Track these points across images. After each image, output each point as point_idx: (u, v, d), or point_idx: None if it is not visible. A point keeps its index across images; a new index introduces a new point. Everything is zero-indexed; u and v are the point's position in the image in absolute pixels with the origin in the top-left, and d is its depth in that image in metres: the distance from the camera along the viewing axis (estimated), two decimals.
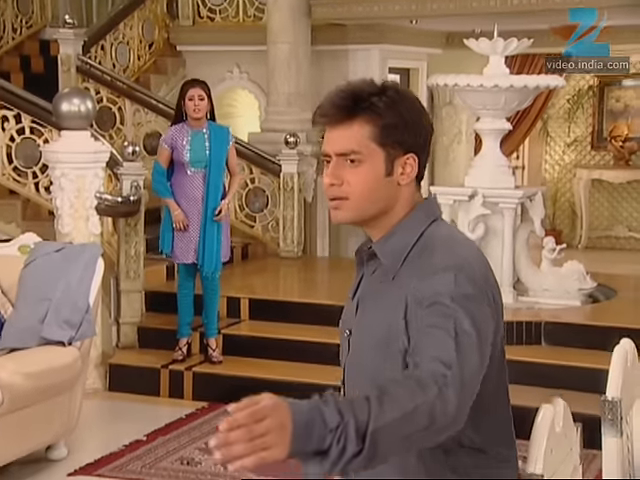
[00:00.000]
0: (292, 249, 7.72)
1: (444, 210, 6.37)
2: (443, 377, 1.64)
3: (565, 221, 11.95)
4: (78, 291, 4.63)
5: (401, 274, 1.86)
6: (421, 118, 1.89)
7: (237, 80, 9.07)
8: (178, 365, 5.75)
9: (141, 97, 7.93)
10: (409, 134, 1.86)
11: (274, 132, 8.10)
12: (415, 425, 1.60)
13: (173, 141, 5.64)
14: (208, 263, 5.64)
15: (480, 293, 1.81)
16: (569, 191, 11.89)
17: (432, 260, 1.82)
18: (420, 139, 1.88)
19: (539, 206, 6.57)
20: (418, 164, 1.88)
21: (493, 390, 1.87)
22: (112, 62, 8.60)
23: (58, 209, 5.71)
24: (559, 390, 5.22)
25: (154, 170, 5.73)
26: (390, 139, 1.84)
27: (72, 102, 5.65)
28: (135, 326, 6.16)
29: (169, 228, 5.66)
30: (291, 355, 5.79)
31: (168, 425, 5.18)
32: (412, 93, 1.94)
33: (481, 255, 1.93)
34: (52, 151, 5.70)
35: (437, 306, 1.75)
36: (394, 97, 1.85)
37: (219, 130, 5.78)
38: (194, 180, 5.65)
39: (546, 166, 12.06)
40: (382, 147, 1.84)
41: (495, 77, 6.32)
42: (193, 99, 5.60)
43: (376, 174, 1.85)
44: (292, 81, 8.23)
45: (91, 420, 5.20)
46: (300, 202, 7.74)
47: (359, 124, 1.83)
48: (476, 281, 1.81)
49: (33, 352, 4.41)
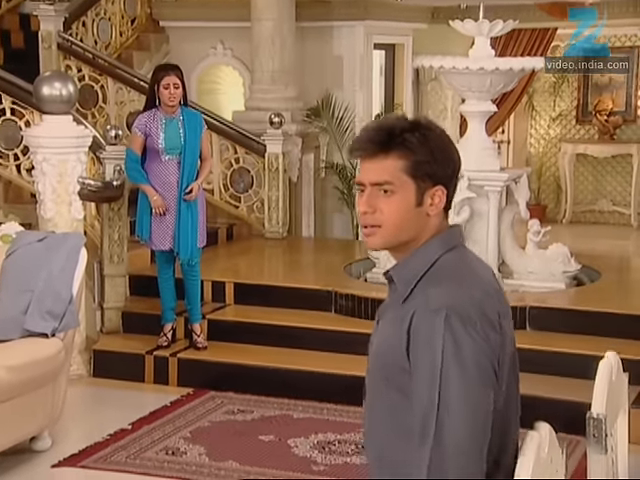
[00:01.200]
0: (277, 230, 7.67)
1: None
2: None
3: (550, 196, 11.95)
4: (61, 281, 4.58)
5: (410, 300, 1.95)
6: (449, 152, 2.01)
7: (221, 57, 8.96)
8: (163, 351, 5.73)
9: (123, 75, 7.82)
10: (438, 167, 1.98)
11: (259, 111, 8.03)
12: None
13: (147, 128, 5.57)
14: (184, 250, 5.60)
15: (473, 330, 1.87)
16: (554, 165, 11.88)
17: (432, 294, 1.92)
18: (449, 171, 2.00)
19: (524, 188, 6.56)
20: (446, 195, 2.00)
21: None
22: (94, 39, 8.47)
23: (40, 194, 5.64)
24: (544, 376, 5.27)
25: (127, 158, 5.67)
26: (421, 172, 1.97)
27: (53, 86, 5.56)
28: (119, 311, 6.12)
29: (147, 214, 5.61)
30: (277, 340, 5.78)
31: (153, 413, 5.17)
32: (440, 128, 2.04)
33: (488, 284, 2.01)
34: (34, 136, 5.62)
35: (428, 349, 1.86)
36: (425, 134, 1.98)
37: (192, 116, 5.71)
38: (169, 167, 5.60)
39: (531, 140, 12.04)
40: (413, 179, 1.97)
41: (481, 59, 6.26)
42: (169, 88, 5.53)
43: (407, 204, 1.98)
44: (276, 58, 8.13)
45: (75, 408, 5.18)
46: (285, 183, 7.69)
47: (393, 158, 1.97)
48: (470, 319, 1.87)
49: (15, 344, 4.38)
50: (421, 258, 1.98)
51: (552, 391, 5.08)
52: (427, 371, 1.86)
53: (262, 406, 5.30)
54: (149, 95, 5.72)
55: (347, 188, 8.29)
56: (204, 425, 5.01)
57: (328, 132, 8.30)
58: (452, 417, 1.84)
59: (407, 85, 9.76)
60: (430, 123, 2.02)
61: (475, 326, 1.87)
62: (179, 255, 5.64)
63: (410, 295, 1.95)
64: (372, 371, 2.02)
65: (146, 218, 5.62)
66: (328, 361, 5.54)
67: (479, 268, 2.03)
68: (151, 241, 5.66)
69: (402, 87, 9.74)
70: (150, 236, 5.63)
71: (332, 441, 4.81)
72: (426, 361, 1.86)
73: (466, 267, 2.00)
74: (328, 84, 8.47)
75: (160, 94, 5.56)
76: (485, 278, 2.02)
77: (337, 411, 5.23)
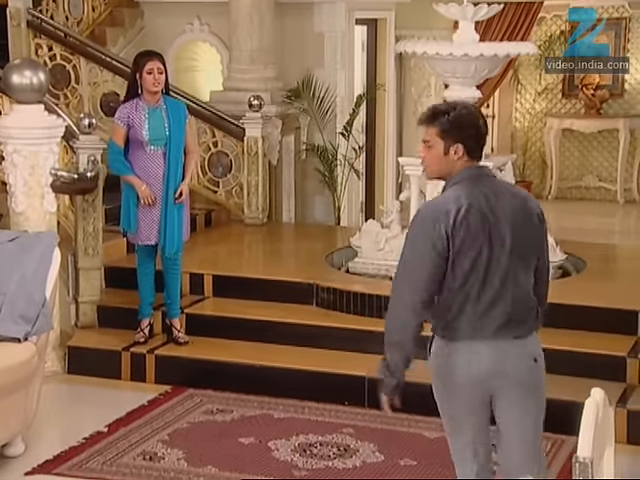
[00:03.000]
0: (257, 215, 7.63)
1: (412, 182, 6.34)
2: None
3: (535, 171, 11.95)
4: (34, 283, 4.54)
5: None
6: (468, 124, 3.23)
7: (197, 33, 8.85)
8: (140, 347, 5.71)
9: (96, 55, 7.72)
10: (457, 133, 3.21)
11: (237, 91, 7.95)
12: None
13: (129, 119, 5.49)
14: (170, 244, 5.56)
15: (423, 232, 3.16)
16: (539, 141, 11.88)
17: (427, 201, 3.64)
18: (466, 135, 3.22)
19: (509, 176, 6.54)
20: (464, 147, 3.21)
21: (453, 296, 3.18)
22: (65, 14, 8.33)
23: (11, 187, 5.57)
24: None
25: (110, 150, 5.59)
26: (446, 136, 3.22)
27: (23, 74, 5.46)
28: (95, 305, 6.08)
29: (135, 205, 5.54)
30: (257, 335, 5.76)
31: (130, 414, 5.15)
32: (468, 109, 3.28)
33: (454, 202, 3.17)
34: (3, 126, 5.53)
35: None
36: (452, 113, 3.22)
37: (176, 105, 5.64)
38: (154, 158, 5.53)
39: (516, 115, 12.01)
40: (442, 139, 3.22)
41: (465, 45, 6.20)
42: (152, 72, 5.45)
43: (438, 154, 3.24)
44: (255, 37, 8.04)
45: (50, 407, 5.15)
46: (265, 167, 7.63)
47: (432, 127, 3.24)
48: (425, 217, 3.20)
49: None
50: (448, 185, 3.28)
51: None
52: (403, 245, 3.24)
53: (242, 405, 5.30)
54: (130, 84, 5.63)
55: (328, 170, 8.24)
56: (182, 426, 5.00)
57: (309, 113, 8.23)
58: (402, 265, 3.22)
59: (390, 61, 9.67)
60: (460, 106, 3.27)
61: (426, 227, 3.14)
62: (165, 249, 5.59)
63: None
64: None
65: (133, 210, 5.54)
66: (310, 357, 5.54)
67: (479, 191, 3.20)
68: (137, 235, 5.60)
69: (384, 63, 9.66)
70: (136, 230, 5.56)
71: (314, 443, 4.81)
72: (405, 240, 3.25)
73: (466, 187, 3.21)
74: (309, 63, 8.38)
75: (143, 80, 5.47)
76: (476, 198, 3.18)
77: (319, 410, 5.24)
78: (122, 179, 5.67)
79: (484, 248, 3.12)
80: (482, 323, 3.14)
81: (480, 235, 3.12)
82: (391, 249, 6.63)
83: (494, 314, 3.15)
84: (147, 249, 5.67)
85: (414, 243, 3.14)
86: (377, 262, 6.61)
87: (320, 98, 8.26)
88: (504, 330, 3.16)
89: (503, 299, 3.15)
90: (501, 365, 3.16)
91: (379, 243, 6.65)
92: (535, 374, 3.27)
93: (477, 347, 3.15)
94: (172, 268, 5.70)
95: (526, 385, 3.22)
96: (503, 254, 3.14)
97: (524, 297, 3.22)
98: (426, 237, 3.10)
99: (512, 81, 11.55)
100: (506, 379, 3.18)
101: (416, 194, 6.49)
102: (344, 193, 8.37)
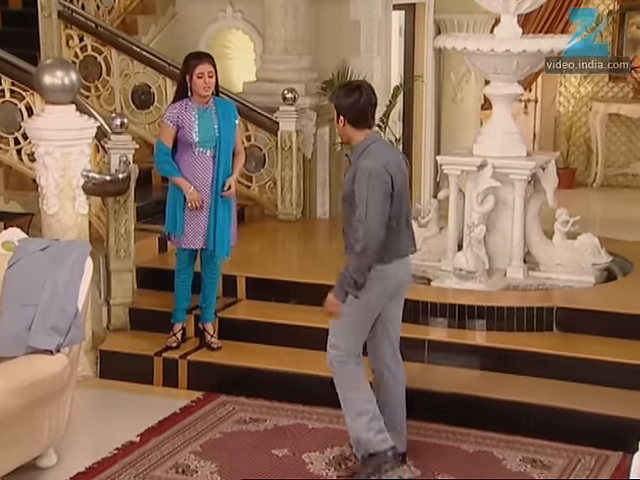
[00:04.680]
0: (291, 211, 7.68)
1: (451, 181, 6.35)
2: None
3: (579, 158, 11.86)
4: (66, 295, 4.62)
5: (355, 163, 4.43)
6: (344, 101, 4.44)
7: (230, 20, 8.86)
8: (172, 353, 5.79)
9: (127, 46, 7.76)
10: (339, 108, 4.45)
11: (270, 82, 7.98)
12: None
13: (179, 120, 5.53)
14: (220, 247, 5.61)
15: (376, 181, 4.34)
16: (584, 126, 11.77)
17: (364, 161, 4.38)
18: (343, 109, 4.44)
19: (552, 176, 6.52)
20: (347, 118, 4.44)
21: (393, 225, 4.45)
22: (96, 3, 8.39)
23: (43, 188, 5.66)
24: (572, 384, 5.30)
25: (158, 150, 5.63)
26: (336, 109, 4.48)
27: (55, 74, 5.53)
28: (126, 307, 6.17)
29: (181, 208, 5.57)
30: (292, 341, 5.81)
31: (161, 422, 5.25)
32: (357, 88, 4.47)
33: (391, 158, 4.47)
34: (35, 128, 5.61)
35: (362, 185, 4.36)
36: (338, 92, 4.54)
37: (226, 106, 5.69)
38: (202, 161, 5.57)
39: (560, 99, 11.91)
40: (336, 113, 4.48)
41: (507, 41, 6.19)
42: (203, 77, 5.49)
43: (338, 124, 4.51)
44: (289, 27, 8.05)
45: (82, 413, 5.24)
46: (299, 161, 7.67)
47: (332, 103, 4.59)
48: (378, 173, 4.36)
49: (19, 363, 4.43)
50: (359, 146, 4.45)
51: (580, 401, 5.10)
52: (359, 196, 4.33)
53: (275, 414, 5.37)
54: (180, 84, 5.67)
55: None
56: (215, 437, 5.09)
57: None
58: (368, 211, 4.31)
59: (428, 46, 9.65)
60: (346, 86, 4.60)
61: (379, 176, 4.32)
62: (214, 253, 5.64)
63: (356, 162, 4.41)
64: (343, 192, 4.53)
65: (180, 212, 5.58)
66: None
67: (388, 151, 4.55)
68: (182, 238, 5.66)
69: (423, 49, 9.64)
70: (182, 233, 5.60)
71: (348, 456, 4.87)
72: (359, 191, 4.33)
73: (380, 150, 4.44)
74: (344, 52, 8.37)
75: (194, 84, 5.51)
76: (391, 156, 4.49)
77: None
78: (169, 180, 5.72)
79: (403, 190, 4.47)
80: (400, 245, 4.50)
81: (399, 180, 4.42)
82: (429, 249, 6.67)
83: (404, 238, 4.53)
84: (189, 253, 5.73)
85: (374, 189, 4.30)
86: (414, 262, 6.61)
87: None
88: (410, 249, 4.62)
89: (408, 226, 4.58)
90: (408, 274, 4.65)
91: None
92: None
93: (400, 262, 4.53)
94: (212, 273, 5.77)
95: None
96: (405, 190, 4.51)
97: (411, 225, 4.64)
98: (382, 183, 4.33)
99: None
100: (405, 283, 4.66)
101: (455, 193, 6.51)
102: None
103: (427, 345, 5.63)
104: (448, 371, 5.53)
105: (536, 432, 5.06)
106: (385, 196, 4.33)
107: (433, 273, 6.50)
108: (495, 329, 5.73)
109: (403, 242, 4.51)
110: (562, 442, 4.99)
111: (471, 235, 6.27)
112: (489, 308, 5.77)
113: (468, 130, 9.59)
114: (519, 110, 11.33)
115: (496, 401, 5.19)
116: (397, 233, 4.46)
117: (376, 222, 4.30)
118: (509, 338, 5.63)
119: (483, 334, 5.73)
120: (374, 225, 4.30)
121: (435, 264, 6.57)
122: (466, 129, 9.59)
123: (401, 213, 4.47)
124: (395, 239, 4.44)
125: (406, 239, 4.55)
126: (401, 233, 4.49)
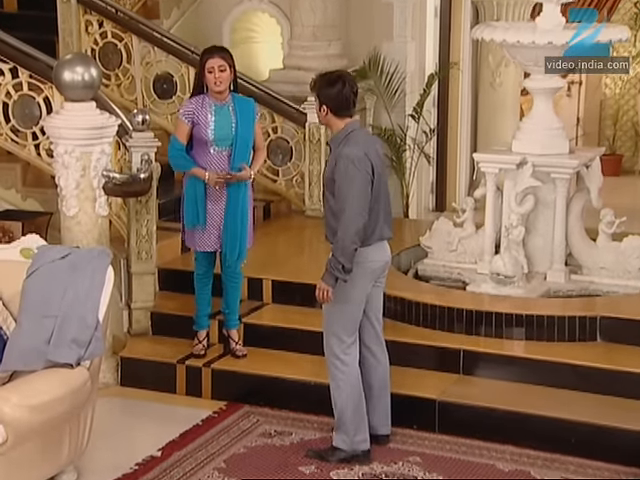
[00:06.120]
0: (319, 207, 7.67)
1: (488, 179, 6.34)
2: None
3: (627, 144, 11.79)
4: (86, 306, 4.68)
5: (336, 151, 4.83)
6: (327, 91, 4.84)
7: (256, 2, 8.88)
8: (195, 361, 5.84)
9: (149, 32, 7.79)
10: (321, 97, 4.86)
11: (298, 70, 7.99)
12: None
13: (195, 116, 5.57)
14: (231, 251, 5.66)
15: (358, 167, 4.75)
16: (632, 109, 11.70)
17: (345, 149, 4.77)
18: (326, 99, 4.83)
19: (596, 174, 6.50)
20: (330, 108, 4.83)
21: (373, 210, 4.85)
22: None
23: (62, 189, 5.70)
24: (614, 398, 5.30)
25: (171, 146, 5.67)
26: (318, 99, 4.88)
27: (75, 70, 5.55)
28: (148, 311, 6.24)
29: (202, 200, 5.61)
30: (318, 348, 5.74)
31: (183, 435, 5.30)
32: (339, 78, 4.87)
33: (371, 146, 4.91)
34: (54, 126, 5.65)
35: (343, 172, 4.78)
36: (319, 81, 4.89)
37: (244, 103, 5.69)
38: (218, 160, 5.61)
39: (606, 80, 11.81)
40: (317, 102, 4.89)
41: (549, 33, 6.15)
42: (213, 71, 5.51)
43: (319, 113, 4.92)
44: (318, 11, 8.06)
45: (103, 424, 5.26)
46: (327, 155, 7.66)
47: (313, 92, 4.97)
48: (359, 160, 4.76)
49: (38, 378, 4.49)
50: (340, 136, 4.85)
51: (624, 418, 5.10)
52: (341, 183, 4.73)
53: (301, 426, 5.42)
54: (196, 80, 5.71)
55: (396, 155, 8.25)
56: (239, 452, 5.14)
57: (375, 93, 8.24)
58: (351, 197, 4.72)
59: (465, 27, 9.58)
60: (332, 75, 4.93)
61: (360, 163, 4.72)
62: (225, 257, 5.70)
63: (337, 149, 4.81)
64: (324, 180, 4.97)
65: (201, 203, 5.61)
66: None
67: (368, 139, 5.05)
68: (195, 242, 5.72)
69: (459, 29, 9.57)
70: (205, 223, 5.64)
71: (378, 474, 4.92)
72: (340, 178, 4.73)
73: (360, 137, 4.88)
74: (376, 37, 8.36)
75: (205, 79, 5.55)
76: (370, 143, 4.95)
77: None
78: (185, 175, 5.75)
79: (382, 176, 4.88)
80: (379, 230, 4.89)
81: (378, 167, 4.83)
82: (464, 250, 6.67)
83: (383, 224, 4.91)
84: (207, 257, 5.77)
85: (355, 175, 4.69)
86: (449, 264, 6.67)
87: (389, 75, 8.25)
88: (389, 233, 5.00)
89: (387, 212, 4.96)
90: (389, 257, 5.05)
91: (451, 244, 6.69)
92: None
93: (380, 245, 4.94)
94: (233, 277, 5.81)
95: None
96: (384, 177, 4.94)
97: (390, 212, 5.01)
98: (363, 169, 4.72)
99: None
100: (386, 266, 5.06)
101: (492, 191, 6.50)
102: (413, 180, 8.39)
103: (462, 355, 5.64)
104: (484, 383, 5.55)
105: (576, 450, 5.06)
106: (366, 182, 4.74)
107: (469, 276, 6.51)
108: (534, 339, 5.72)
109: (382, 227, 4.91)
110: (604, 461, 5.00)
111: (509, 237, 6.27)
112: (528, 316, 5.77)
113: (507, 117, 9.54)
114: (562, 93, 11.25)
115: (534, 416, 5.19)
116: (377, 218, 4.85)
117: (358, 207, 4.71)
118: (549, 349, 5.62)
119: (521, 344, 5.72)
120: (356, 210, 4.70)
121: (471, 266, 6.57)
122: (504, 116, 9.54)
123: (380, 199, 4.86)
124: (375, 224, 4.84)
125: (384, 224, 4.92)
126: (379, 218, 4.88)
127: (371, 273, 4.95)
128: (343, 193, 4.73)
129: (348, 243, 4.73)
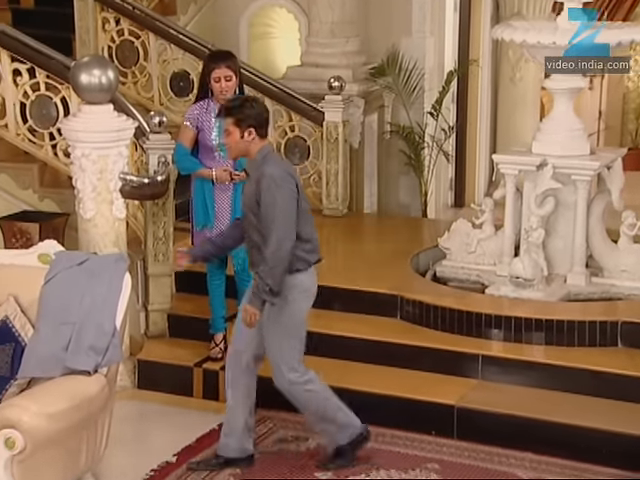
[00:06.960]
0: (336, 207, 7.73)
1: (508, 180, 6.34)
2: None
3: None
4: (103, 312, 4.71)
5: (256, 173, 4.81)
6: (252, 113, 4.81)
7: None
8: (212, 364, 5.89)
9: (166, 30, 7.82)
10: (246, 120, 4.78)
11: (316, 67, 8.01)
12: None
13: (199, 121, 5.61)
14: (237, 253, 5.69)
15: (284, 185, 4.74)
16: None
17: (268, 168, 4.76)
18: (253, 121, 4.80)
19: (618, 175, 6.49)
20: (255, 131, 4.80)
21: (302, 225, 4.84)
22: None
23: (79, 192, 5.74)
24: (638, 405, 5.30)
25: (176, 152, 5.74)
26: (239, 124, 4.79)
27: (92, 73, 5.57)
28: (165, 313, 6.28)
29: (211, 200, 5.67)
30: (334, 351, 5.88)
31: (199, 440, 5.35)
32: (254, 101, 4.98)
33: (288, 166, 5.04)
34: (72, 129, 5.68)
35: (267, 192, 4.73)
36: (241, 105, 4.83)
37: None
38: (222, 166, 5.64)
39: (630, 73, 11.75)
40: (237, 127, 4.80)
41: (570, 32, 6.13)
42: (220, 81, 5.56)
43: (236, 138, 4.82)
44: (336, 7, 8.08)
45: (120, 428, 5.28)
46: (345, 154, 7.69)
47: (229, 118, 4.83)
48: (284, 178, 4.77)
49: (56, 386, 4.53)
50: (259, 158, 4.81)
51: None
52: (267, 202, 4.70)
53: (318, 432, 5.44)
54: (201, 84, 5.76)
55: (414, 153, 8.27)
56: (255, 457, 5.18)
57: (394, 90, 8.24)
58: (278, 216, 4.69)
59: (485, 21, 9.59)
60: (249, 99, 5.01)
61: (284, 181, 4.73)
62: (233, 259, 5.74)
63: (258, 171, 4.78)
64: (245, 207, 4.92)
65: (210, 204, 5.67)
66: (392, 379, 5.64)
67: (284, 161, 5.52)
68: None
69: (479, 24, 9.58)
70: (214, 224, 5.69)
71: None
72: (267, 198, 4.70)
73: (277, 157, 5.09)
74: (394, 33, 8.37)
75: (211, 86, 5.60)
76: (288, 165, 5.13)
77: (401, 439, 5.36)
78: (193, 177, 5.79)
79: (304, 197, 4.88)
80: (309, 255, 4.91)
81: (299, 186, 4.83)
82: (483, 252, 6.68)
83: (309, 248, 4.91)
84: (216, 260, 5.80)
85: (281, 194, 4.68)
86: (467, 266, 6.68)
87: (407, 72, 8.25)
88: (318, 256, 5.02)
89: (313, 232, 4.98)
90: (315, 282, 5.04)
91: (470, 245, 6.70)
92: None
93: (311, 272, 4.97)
94: (245, 279, 5.84)
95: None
96: (305, 199, 4.93)
97: (316, 233, 5.03)
98: (287, 187, 4.73)
99: None
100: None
101: (512, 193, 6.50)
102: (431, 177, 8.40)
103: (481, 360, 5.66)
104: (503, 389, 5.56)
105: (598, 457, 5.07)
106: (292, 200, 4.73)
107: (488, 278, 6.52)
108: (554, 344, 5.73)
109: (313, 251, 4.92)
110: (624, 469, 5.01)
111: (529, 240, 6.27)
112: (548, 321, 5.77)
113: (527, 113, 9.55)
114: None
115: (553, 423, 5.20)
116: (313, 237, 4.93)
117: (286, 225, 4.70)
118: (569, 354, 5.63)
119: (541, 349, 5.73)
120: (285, 228, 4.69)
121: (490, 268, 6.58)
122: (525, 112, 9.54)
123: (308, 219, 4.88)
124: (305, 247, 4.85)
125: (313, 248, 4.92)
126: (311, 240, 4.90)
127: (310, 300, 5.03)
128: (270, 213, 4.69)
129: (277, 263, 4.69)
